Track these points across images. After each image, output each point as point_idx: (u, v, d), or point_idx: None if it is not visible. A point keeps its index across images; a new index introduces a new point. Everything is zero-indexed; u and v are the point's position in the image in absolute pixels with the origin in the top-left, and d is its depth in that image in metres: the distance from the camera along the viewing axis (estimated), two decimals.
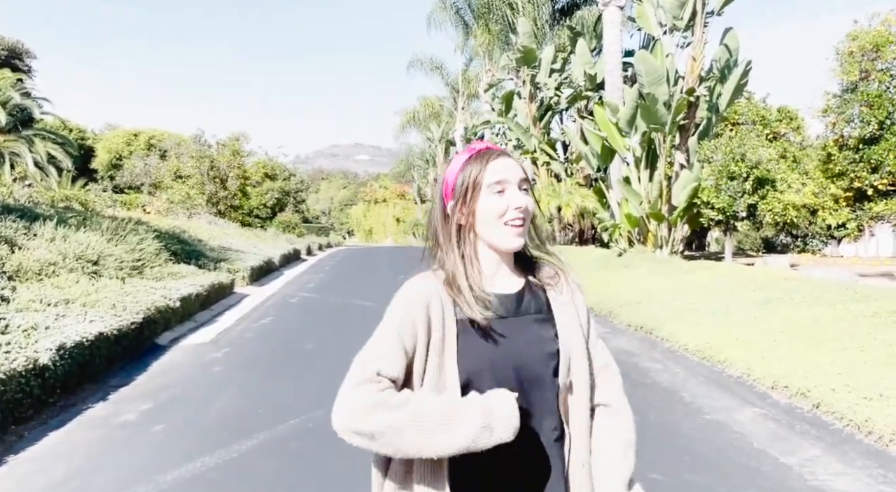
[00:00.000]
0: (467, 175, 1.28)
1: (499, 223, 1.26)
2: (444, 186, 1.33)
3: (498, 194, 1.25)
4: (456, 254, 1.29)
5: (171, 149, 33.21)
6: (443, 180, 1.35)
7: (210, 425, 4.92)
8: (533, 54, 20.58)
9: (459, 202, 1.29)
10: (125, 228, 12.31)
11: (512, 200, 1.25)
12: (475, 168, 1.27)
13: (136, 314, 7.68)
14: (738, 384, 5.66)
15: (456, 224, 1.30)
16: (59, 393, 5.54)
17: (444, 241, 1.32)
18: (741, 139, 12.13)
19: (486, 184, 1.25)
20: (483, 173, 1.26)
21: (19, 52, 36.86)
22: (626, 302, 9.36)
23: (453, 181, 1.30)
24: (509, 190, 1.26)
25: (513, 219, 1.25)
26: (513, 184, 1.26)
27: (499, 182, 1.25)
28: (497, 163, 1.27)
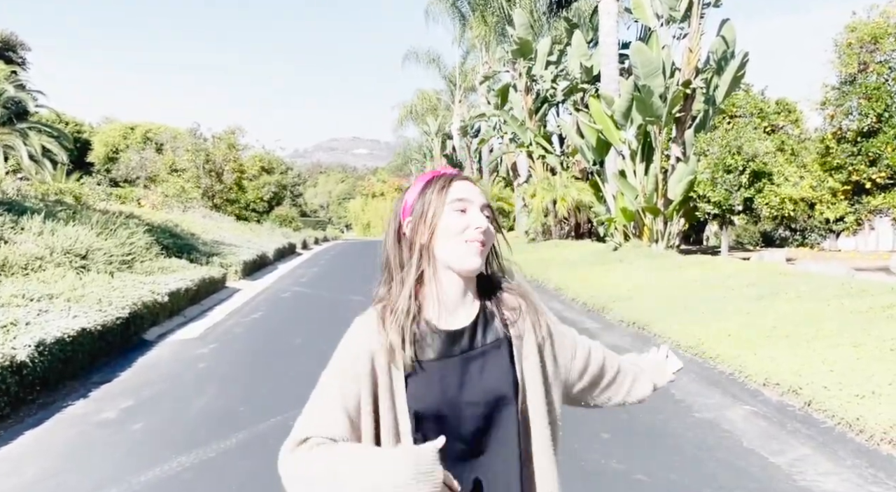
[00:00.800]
0: (429, 192, 1.24)
1: (459, 240, 1.21)
2: (401, 205, 1.28)
3: (460, 212, 1.22)
4: (410, 277, 1.23)
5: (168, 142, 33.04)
6: (401, 201, 1.29)
7: (190, 424, 4.83)
8: (529, 46, 20.41)
9: (418, 220, 1.24)
10: (115, 221, 12.18)
11: (473, 219, 1.21)
12: (438, 186, 1.24)
13: (122, 309, 7.58)
14: (729, 381, 5.57)
15: (410, 242, 1.25)
16: (38, 390, 5.44)
17: (394, 265, 1.27)
18: (737, 132, 11.99)
19: (448, 201, 1.22)
20: (447, 191, 1.23)
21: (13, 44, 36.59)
22: (618, 297, 9.27)
23: (413, 200, 1.26)
24: (471, 210, 1.23)
25: (472, 238, 1.20)
26: (475, 205, 1.23)
27: (461, 200, 1.22)
28: (461, 184, 1.25)
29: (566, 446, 4.32)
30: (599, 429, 4.52)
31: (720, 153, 11.72)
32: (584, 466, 3.90)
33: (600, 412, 4.92)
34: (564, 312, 9.68)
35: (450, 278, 1.23)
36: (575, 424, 4.65)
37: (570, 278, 11.59)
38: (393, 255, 1.28)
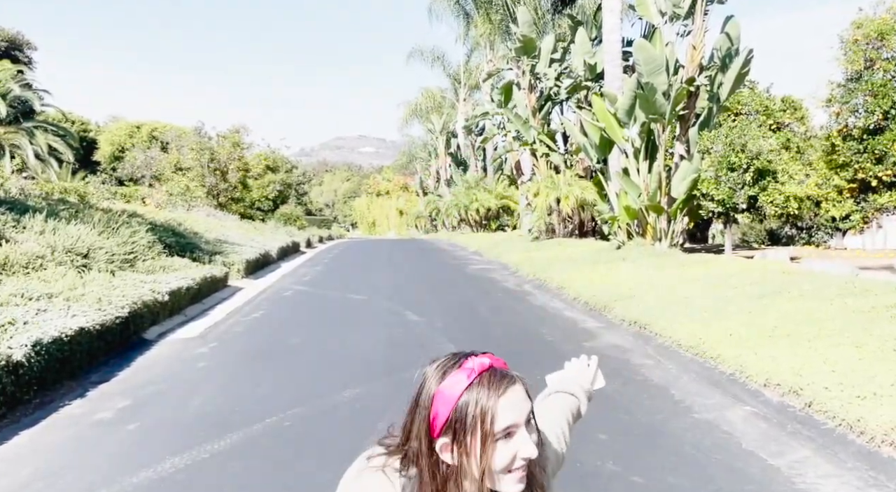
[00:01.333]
0: (470, 412, 1.03)
1: (506, 478, 1.05)
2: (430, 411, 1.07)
3: (505, 439, 1.04)
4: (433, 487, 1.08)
5: (173, 141, 33.13)
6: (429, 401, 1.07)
7: (185, 424, 4.81)
8: (532, 44, 20.32)
9: (457, 444, 1.04)
10: (118, 220, 12.20)
11: (521, 447, 1.04)
12: (483, 406, 1.03)
13: (122, 309, 7.58)
14: (730, 381, 5.51)
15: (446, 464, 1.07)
16: (35, 390, 5.43)
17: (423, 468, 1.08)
18: (741, 129, 11.88)
19: (497, 430, 1.03)
20: (494, 417, 1.03)
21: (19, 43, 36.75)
22: (620, 296, 9.20)
23: (448, 413, 1.05)
24: (519, 434, 1.04)
25: (517, 467, 1.05)
26: (522, 425, 1.05)
27: (508, 428, 1.03)
28: (509, 397, 1.04)
29: None
30: (596, 429, 4.47)
31: (724, 151, 11.63)
32: (580, 467, 3.85)
33: (598, 413, 4.87)
34: (566, 311, 9.63)
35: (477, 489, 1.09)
36: None
37: (572, 277, 11.53)
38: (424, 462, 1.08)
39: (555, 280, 11.86)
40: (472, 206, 33.67)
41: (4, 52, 34.51)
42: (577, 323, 8.72)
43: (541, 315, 9.41)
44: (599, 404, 5.17)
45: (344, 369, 6.31)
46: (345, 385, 5.63)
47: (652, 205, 13.19)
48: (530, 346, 7.33)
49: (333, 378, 5.96)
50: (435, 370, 1.08)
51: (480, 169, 39.69)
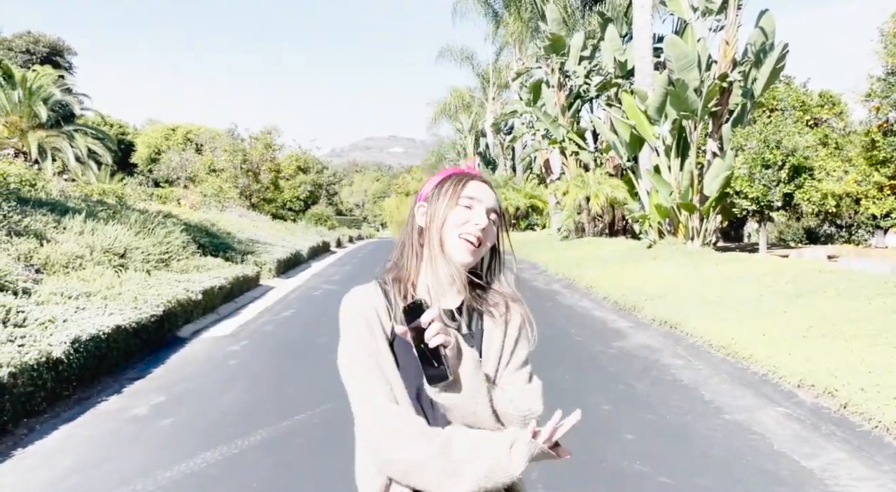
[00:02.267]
0: (446, 184, 1.33)
1: (455, 233, 1.29)
2: (421, 192, 1.38)
3: (466, 208, 1.30)
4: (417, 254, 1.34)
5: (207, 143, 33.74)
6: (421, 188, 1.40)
7: (218, 420, 4.91)
8: (562, 42, 20.17)
9: (430, 207, 1.33)
10: (153, 221, 12.48)
11: (475, 216, 1.29)
12: (454, 180, 1.33)
13: (157, 307, 7.75)
14: (762, 382, 5.41)
15: (420, 227, 1.34)
16: (74, 386, 5.60)
17: (407, 244, 1.36)
18: (776, 125, 11.60)
19: (461, 195, 1.30)
20: (461, 186, 1.31)
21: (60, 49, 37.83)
22: (651, 295, 9.10)
23: (430, 189, 1.35)
24: (477, 208, 1.30)
25: (468, 233, 1.28)
26: (482, 204, 1.31)
27: (471, 198, 1.30)
28: (476, 183, 1.33)
29: (587, 446, 4.23)
30: (623, 429, 4.44)
31: (758, 148, 11.37)
32: (606, 466, 3.83)
33: (625, 413, 4.83)
34: (595, 311, 9.55)
35: (444, 265, 1.32)
36: (597, 423, 4.58)
37: (602, 276, 11.43)
38: (408, 235, 1.37)
39: (584, 279, 11.78)
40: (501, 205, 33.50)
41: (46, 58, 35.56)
42: (607, 323, 8.64)
43: (569, 315, 9.36)
44: (627, 403, 5.14)
45: None
46: None
47: (684, 203, 12.98)
48: (559, 346, 7.29)
49: None
50: None
51: (509, 168, 39.57)
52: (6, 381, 4.54)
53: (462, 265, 1.30)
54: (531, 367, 1.40)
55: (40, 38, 37.06)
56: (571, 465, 3.86)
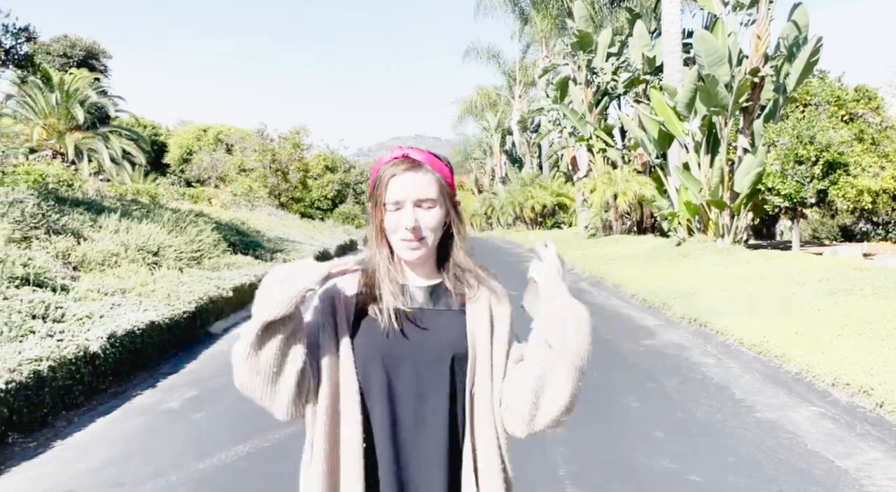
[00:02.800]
0: (376, 182, 1.32)
1: (394, 238, 1.31)
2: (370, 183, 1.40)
3: (394, 212, 1.30)
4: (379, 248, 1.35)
5: (237, 143, 34.21)
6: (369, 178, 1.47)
7: (249, 413, 4.97)
8: (589, 38, 20.02)
9: (371, 208, 1.35)
10: (185, 220, 12.72)
11: (402, 218, 1.29)
12: (380, 178, 1.31)
13: (189, 304, 7.90)
14: (795, 381, 5.32)
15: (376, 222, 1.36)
16: (111, 380, 5.74)
17: (370, 235, 1.39)
18: (810, 120, 11.35)
19: (386, 202, 1.30)
20: (384, 191, 1.30)
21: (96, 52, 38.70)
22: (680, 293, 8.99)
23: (371, 184, 1.36)
24: (404, 208, 1.29)
25: (403, 237, 1.29)
26: (408, 202, 1.29)
27: (395, 202, 1.29)
28: (397, 181, 1.29)
29: (615, 444, 4.21)
30: (652, 426, 4.40)
31: (791, 143, 11.13)
32: (634, 464, 3.80)
33: (654, 410, 4.80)
34: (623, 309, 9.47)
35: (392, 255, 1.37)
36: (626, 422, 4.55)
37: (631, 274, 11.33)
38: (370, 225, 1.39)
39: (612, 278, 11.68)
40: (528, 203, 33.47)
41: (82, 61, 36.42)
42: (635, 321, 8.57)
43: (597, 313, 9.29)
44: (657, 402, 5.10)
45: None
46: None
47: (714, 200, 12.78)
48: None
49: None
50: None
51: (536, 166, 39.40)
52: (46, 374, 4.68)
53: (409, 263, 1.35)
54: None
55: (77, 42, 37.96)
56: (600, 462, 3.85)
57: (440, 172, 1.33)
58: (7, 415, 4.23)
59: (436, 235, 1.32)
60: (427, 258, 1.36)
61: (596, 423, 4.48)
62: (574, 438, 4.16)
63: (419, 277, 1.37)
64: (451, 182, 1.36)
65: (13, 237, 8.09)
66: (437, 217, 1.31)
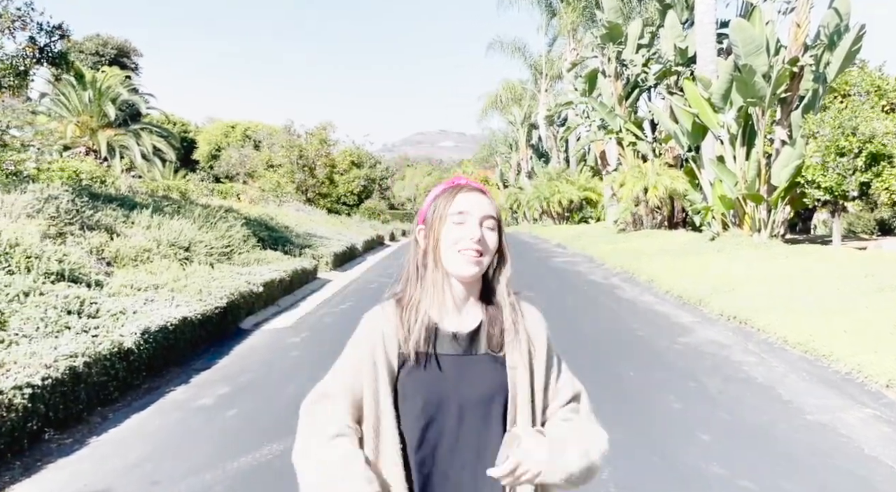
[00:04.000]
0: (438, 203, 1.35)
1: (453, 249, 1.31)
2: (421, 212, 1.41)
3: (458, 225, 1.31)
4: (424, 280, 1.36)
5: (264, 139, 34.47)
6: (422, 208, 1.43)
7: (281, 411, 4.94)
8: (619, 30, 19.68)
9: (427, 228, 1.36)
10: (215, 215, 12.79)
11: (468, 231, 1.31)
12: (445, 198, 1.35)
13: (221, 299, 7.90)
14: (845, 381, 5.10)
15: (423, 250, 1.37)
16: (144, 376, 5.75)
17: (411, 266, 1.40)
18: (852, 111, 10.96)
19: (449, 212, 1.32)
20: (449, 203, 1.33)
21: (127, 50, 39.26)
22: (717, 289, 8.75)
23: (426, 208, 1.38)
24: (469, 221, 1.31)
25: (466, 248, 1.30)
26: (474, 217, 1.32)
27: (460, 213, 1.32)
28: (464, 196, 1.34)
29: (660, 447, 4.05)
30: (697, 430, 4.24)
31: (832, 135, 10.77)
32: (682, 469, 3.66)
33: (698, 412, 4.63)
34: (657, 306, 9.26)
35: (453, 284, 1.35)
36: (669, 423, 4.39)
37: (664, 270, 11.09)
38: (412, 257, 1.41)
39: (644, 273, 11.46)
40: (554, 198, 33.15)
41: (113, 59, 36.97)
42: (670, 317, 8.36)
43: (631, 309, 9.10)
44: (699, 403, 4.93)
45: None
46: None
47: (750, 194, 12.44)
48: (621, 341, 7.08)
49: None
50: None
51: (563, 160, 39.01)
52: (81, 370, 4.67)
53: (466, 278, 1.33)
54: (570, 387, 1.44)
55: (108, 41, 38.55)
56: (644, 466, 3.71)
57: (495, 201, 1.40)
58: (44, 411, 4.23)
59: (492, 257, 1.35)
60: (475, 283, 1.38)
61: (638, 424, 4.34)
62: (616, 439, 4.02)
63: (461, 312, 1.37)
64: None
65: (48, 233, 8.17)
66: (496, 239, 1.35)
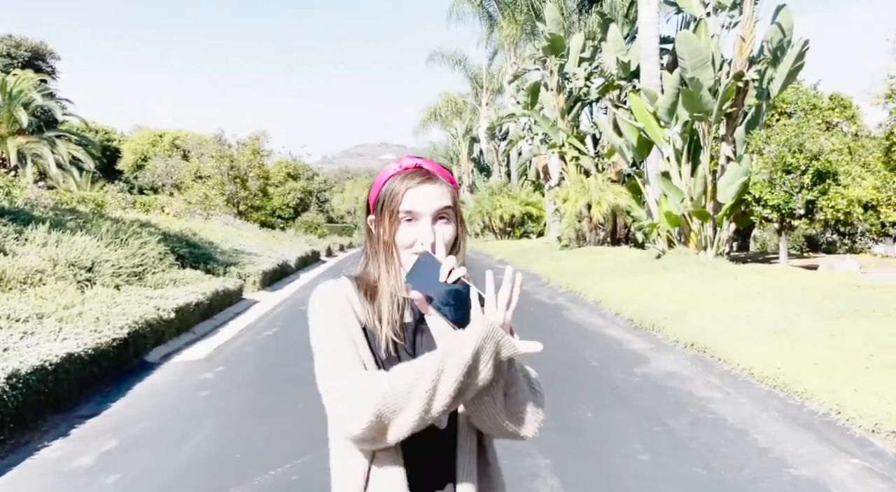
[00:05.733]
0: (386, 194, 1.25)
1: (407, 253, 1.23)
2: (369, 196, 1.31)
3: (408, 223, 1.23)
4: (381, 266, 1.27)
5: (193, 149, 32.84)
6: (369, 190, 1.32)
7: (174, 477, 4.04)
8: (561, 42, 19.44)
9: (377, 218, 1.27)
10: (127, 230, 11.59)
11: (421, 233, 1.22)
12: (394, 190, 1.24)
13: (121, 329, 6.90)
14: (824, 424, 4.59)
15: (376, 239, 1.28)
16: (11, 428, 4.73)
17: (369, 250, 1.31)
18: (799, 127, 10.85)
19: (399, 211, 1.22)
20: (398, 200, 1.23)
21: (42, 53, 36.81)
22: (670, 313, 8.28)
23: (374, 194, 1.28)
24: (421, 221, 1.22)
25: (418, 252, 1.20)
26: (426, 215, 1.22)
27: (409, 212, 1.22)
28: (415, 192, 1.22)
29: None
30: (669, 487, 3.60)
31: (779, 151, 10.59)
32: None
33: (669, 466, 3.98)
34: (607, 329, 8.73)
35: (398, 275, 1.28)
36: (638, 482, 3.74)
37: (611, 290, 10.62)
38: (367, 244, 1.32)
39: (591, 293, 10.96)
40: (496, 212, 32.80)
41: (27, 62, 34.54)
42: (623, 343, 7.82)
43: (580, 333, 8.53)
44: (669, 453, 4.29)
45: None
46: None
47: (697, 211, 12.18)
48: (575, 373, 6.45)
49: None
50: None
51: (504, 174, 38.84)
52: None
53: None
54: None
55: (22, 42, 36.06)
56: None
57: (451, 183, 1.28)
58: None
59: (448, 249, 1.26)
60: None
61: (604, 483, 3.67)
62: None
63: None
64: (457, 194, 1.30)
65: None
66: (452, 231, 1.26)
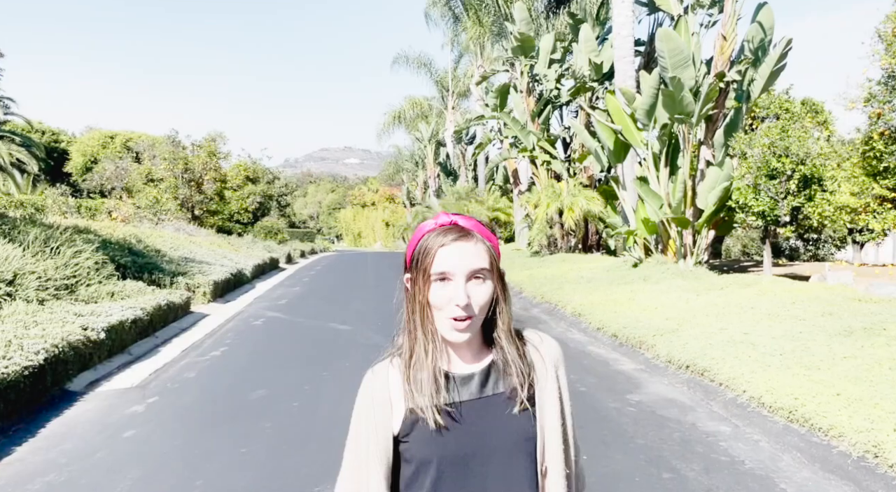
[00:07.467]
0: (420, 251, 1.20)
1: (440, 315, 1.18)
2: (406, 254, 1.26)
3: (441, 283, 1.17)
4: (417, 328, 1.22)
5: (145, 150, 31.33)
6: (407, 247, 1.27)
7: None
8: (531, 42, 18.83)
9: (412, 277, 1.22)
10: (59, 238, 10.47)
11: (454, 294, 1.15)
12: (427, 247, 1.19)
13: (36, 354, 5.92)
14: (862, 470, 3.92)
15: (413, 299, 1.22)
16: None
17: (408, 310, 1.25)
18: (784, 130, 10.39)
19: (432, 272, 1.17)
20: (431, 260, 1.17)
21: None
22: (659, 329, 7.62)
23: (410, 251, 1.24)
24: (455, 281, 1.16)
25: (452, 315, 1.16)
26: (459, 276, 1.16)
27: (442, 273, 1.17)
28: (447, 250, 1.17)
29: None
30: None
31: (763, 155, 10.11)
32: None
33: None
34: (590, 346, 8.04)
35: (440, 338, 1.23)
36: None
37: (590, 301, 9.95)
38: (405, 306, 1.26)
39: (569, 304, 10.28)
40: None
41: None
42: (609, 363, 7.13)
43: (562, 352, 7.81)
44: None
45: (323, 442, 4.64)
46: (322, 475, 3.98)
47: (676, 217, 11.63)
48: None
49: (306, 461, 4.30)
50: None
51: (471, 179, 38.18)
52: None
53: (454, 345, 1.21)
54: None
55: None
56: None
57: (489, 240, 1.22)
58: None
59: (484, 312, 1.19)
60: (473, 338, 1.21)
61: None
62: None
63: (466, 360, 1.25)
64: (498, 253, 1.23)
65: None
66: (489, 292, 1.18)
